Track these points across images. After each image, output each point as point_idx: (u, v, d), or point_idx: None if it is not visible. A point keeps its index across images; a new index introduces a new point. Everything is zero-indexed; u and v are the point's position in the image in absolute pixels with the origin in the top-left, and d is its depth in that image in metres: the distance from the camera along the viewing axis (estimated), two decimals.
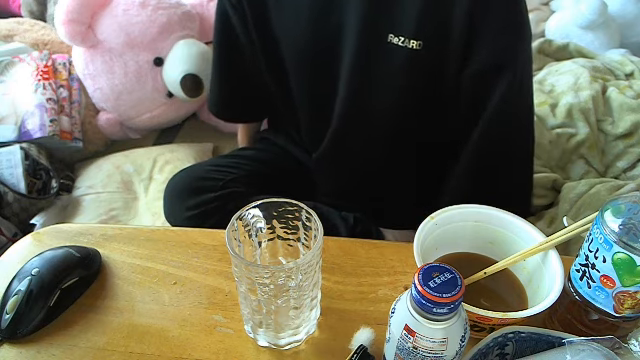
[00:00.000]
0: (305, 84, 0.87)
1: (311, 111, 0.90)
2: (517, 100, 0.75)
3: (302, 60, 0.84)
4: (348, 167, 0.92)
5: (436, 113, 0.80)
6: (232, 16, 0.88)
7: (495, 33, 0.70)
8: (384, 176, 0.91)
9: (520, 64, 0.72)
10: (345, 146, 0.88)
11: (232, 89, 1.00)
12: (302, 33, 0.80)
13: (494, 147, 0.78)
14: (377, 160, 0.89)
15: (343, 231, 0.89)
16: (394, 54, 0.73)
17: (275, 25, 0.83)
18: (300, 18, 0.79)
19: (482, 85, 0.73)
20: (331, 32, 0.77)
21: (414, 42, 0.71)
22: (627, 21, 1.67)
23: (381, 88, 0.78)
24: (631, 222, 0.43)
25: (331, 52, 0.78)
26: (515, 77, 0.72)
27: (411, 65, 0.73)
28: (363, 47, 0.75)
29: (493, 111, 0.74)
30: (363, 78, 0.78)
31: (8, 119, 1.20)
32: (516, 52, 0.72)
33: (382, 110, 0.81)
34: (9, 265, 0.63)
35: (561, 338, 0.45)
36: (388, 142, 0.86)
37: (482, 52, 0.70)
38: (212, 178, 0.92)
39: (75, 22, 1.19)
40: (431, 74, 0.74)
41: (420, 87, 0.76)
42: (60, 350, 0.53)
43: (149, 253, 0.64)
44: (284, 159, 1.02)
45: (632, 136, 1.15)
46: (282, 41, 0.84)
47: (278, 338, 0.52)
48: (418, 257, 0.52)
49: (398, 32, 0.71)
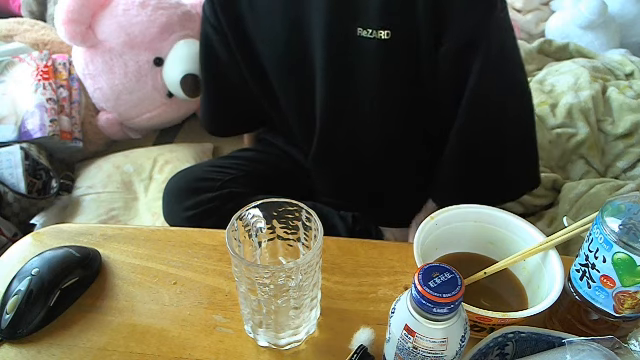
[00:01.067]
0: (288, 88, 0.88)
1: (298, 114, 0.90)
2: (499, 69, 0.74)
3: (281, 65, 0.85)
4: (342, 165, 0.93)
5: (421, 103, 0.79)
6: (213, 38, 0.90)
7: (462, 9, 0.69)
8: (379, 171, 0.91)
9: (494, 35, 0.71)
10: (335, 144, 0.88)
11: (222, 107, 1.02)
12: (277, 38, 0.81)
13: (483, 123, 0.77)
14: (370, 156, 0.89)
15: (342, 230, 0.89)
16: (365, 47, 0.73)
17: (254, 37, 0.85)
18: (275, 24, 0.80)
19: (458, 65, 0.72)
20: (302, 32, 0.77)
21: (382, 32, 0.70)
22: (627, 21, 1.67)
23: (358, 82, 0.78)
24: (631, 222, 0.43)
25: (304, 52, 0.79)
26: (490, 49, 0.71)
27: (384, 55, 0.73)
28: (333, 43, 0.75)
29: (474, 86, 0.73)
30: (338, 74, 0.78)
31: (8, 119, 1.20)
32: (487, 25, 0.70)
33: (364, 105, 0.81)
34: (9, 265, 0.63)
35: (561, 338, 0.45)
36: (377, 136, 0.85)
37: (452, 31, 0.70)
38: (210, 178, 0.92)
39: (75, 22, 1.19)
40: (405, 62, 0.74)
41: (397, 77, 0.76)
42: (60, 350, 0.53)
43: (149, 253, 0.64)
44: (282, 159, 1.02)
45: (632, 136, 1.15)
46: (262, 51, 0.86)
47: (278, 338, 0.52)
48: (418, 257, 0.52)
49: (365, 24, 0.71)
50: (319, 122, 0.85)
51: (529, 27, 1.69)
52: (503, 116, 0.78)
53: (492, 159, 0.80)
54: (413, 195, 0.93)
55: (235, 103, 0.99)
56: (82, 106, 1.32)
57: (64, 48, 1.38)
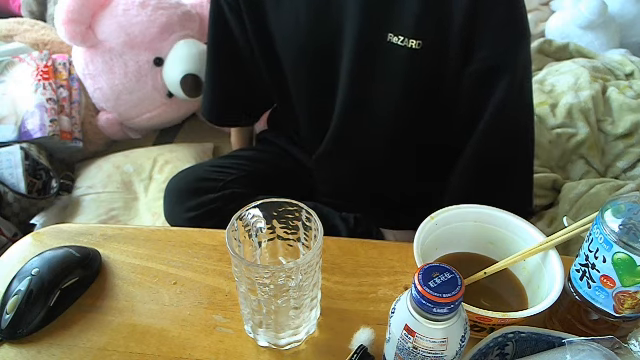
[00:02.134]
0: (304, 85, 0.86)
1: (311, 112, 0.90)
2: (516, 101, 0.75)
3: (301, 61, 0.84)
4: (348, 167, 0.92)
5: (436, 113, 0.79)
6: (229, 18, 0.87)
7: (494, 34, 0.69)
8: (384, 175, 0.91)
9: (520, 65, 0.72)
10: (345, 146, 0.88)
11: (228, 93, 0.99)
12: (301, 33, 0.80)
13: (494, 149, 0.78)
14: (377, 160, 0.89)
15: (343, 232, 0.89)
16: (394, 53, 0.72)
17: (273, 26, 0.83)
18: (299, 18, 0.79)
19: (481, 86, 0.73)
20: (329, 32, 0.77)
21: (413, 41, 0.70)
22: (627, 21, 1.67)
23: (381, 88, 0.78)
24: (631, 222, 0.43)
25: (330, 52, 0.78)
26: (515, 78, 0.72)
27: (411, 65, 0.73)
28: (362, 46, 0.74)
29: (492, 112, 0.73)
30: (362, 78, 0.77)
31: (8, 119, 1.20)
32: (516, 53, 0.71)
33: (382, 110, 0.81)
34: (9, 265, 0.63)
35: (561, 338, 0.45)
36: (388, 141, 0.86)
37: (481, 52, 0.70)
38: (212, 179, 0.92)
39: (75, 22, 1.19)
40: (431, 74, 0.74)
41: (420, 87, 0.76)
42: (60, 350, 0.53)
43: (149, 253, 0.64)
44: (284, 159, 1.02)
45: (632, 136, 1.15)
46: (281, 42, 0.84)
47: (278, 338, 0.52)
48: (418, 257, 0.52)
49: (397, 31, 0.71)
50: (335, 122, 0.84)
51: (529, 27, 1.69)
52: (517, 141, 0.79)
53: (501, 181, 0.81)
54: (415, 198, 0.93)
55: (240, 88, 0.97)
56: (82, 106, 1.32)
57: (64, 48, 1.38)
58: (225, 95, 1.00)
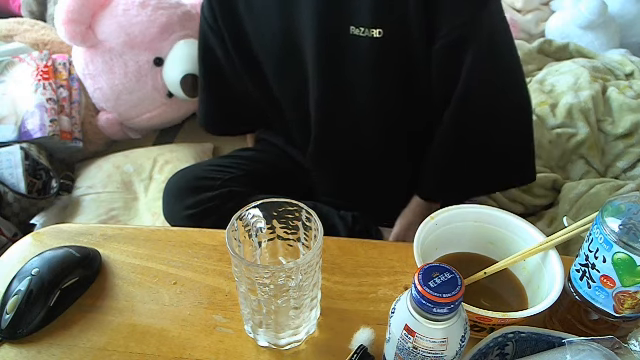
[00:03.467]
0: (284, 88, 0.88)
1: (295, 112, 0.91)
2: (490, 64, 0.75)
3: (277, 65, 0.86)
4: (339, 162, 0.93)
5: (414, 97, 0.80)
6: (211, 39, 0.91)
7: (451, 8, 0.70)
8: (377, 169, 0.92)
9: (485, 33, 0.72)
10: (330, 141, 0.89)
11: (218, 106, 1.03)
12: (274, 39, 0.82)
13: (475, 114, 0.77)
14: (368, 152, 0.89)
15: (342, 230, 0.89)
16: (358, 45, 0.74)
17: (251, 37, 0.85)
18: (271, 25, 0.81)
19: (451, 59, 0.73)
20: (297, 34, 0.78)
21: (374, 31, 0.71)
22: (627, 21, 1.67)
23: (352, 81, 0.79)
24: (631, 222, 0.43)
25: (300, 54, 0.80)
26: (481, 46, 0.72)
27: (377, 54, 0.74)
28: (324, 41, 0.76)
29: (464, 84, 0.74)
30: (330, 73, 0.78)
31: (8, 119, 1.20)
32: (478, 22, 0.71)
33: (358, 102, 0.81)
34: (9, 265, 0.63)
35: (561, 338, 0.45)
36: (374, 132, 0.86)
37: (442, 29, 0.71)
38: (211, 177, 0.92)
39: (75, 22, 1.19)
40: (399, 59, 0.75)
41: (391, 74, 0.77)
42: (60, 350, 0.53)
43: (149, 253, 0.64)
44: (282, 159, 1.02)
45: (632, 136, 1.15)
46: (259, 51, 0.86)
47: (278, 338, 0.52)
48: (418, 257, 0.52)
49: (357, 23, 0.72)
50: (314, 120, 0.86)
51: (529, 27, 1.69)
52: (495, 109, 0.79)
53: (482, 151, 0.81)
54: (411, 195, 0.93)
55: (232, 103, 1.00)
56: (82, 106, 1.32)
57: (64, 48, 1.38)
58: (216, 107, 1.04)
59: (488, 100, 0.77)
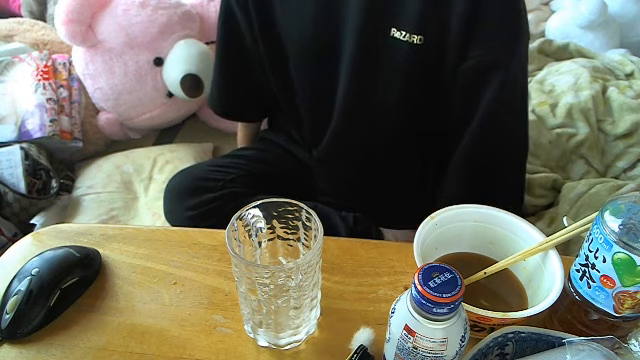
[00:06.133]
0: (308, 81, 0.87)
1: (313, 108, 0.90)
2: (510, 99, 0.75)
3: (305, 57, 0.84)
4: (348, 164, 0.93)
5: (434, 109, 0.80)
6: (238, 15, 0.88)
7: (492, 31, 0.70)
8: (384, 172, 0.92)
9: (515, 63, 0.73)
10: (345, 142, 0.88)
11: (234, 88, 1.00)
12: (306, 30, 0.81)
13: (486, 146, 0.78)
14: (377, 156, 0.89)
15: (343, 231, 0.89)
16: (396, 48, 0.73)
17: (280, 23, 0.84)
18: (304, 15, 0.80)
19: (475, 82, 0.73)
20: (333, 28, 0.77)
21: (415, 37, 0.71)
22: (627, 21, 1.67)
23: (382, 83, 0.78)
24: (631, 222, 0.43)
25: (333, 48, 0.79)
26: (508, 76, 0.72)
27: (412, 60, 0.74)
28: (364, 42, 0.75)
29: (485, 109, 0.74)
30: (365, 73, 0.78)
31: (8, 119, 1.20)
32: (512, 51, 0.72)
33: (382, 105, 0.81)
34: (9, 265, 0.63)
35: (561, 338, 0.45)
36: (388, 137, 0.86)
37: (478, 49, 0.71)
38: (212, 178, 0.92)
39: (75, 22, 1.19)
40: (430, 70, 0.75)
41: (419, 82, 0.77)
42: (60, 350, 0.53)
43: (149, 253, 0.64)
44: (284, 159, 1.02)
45: (632, 136, 1.15)
46: (286, 39, 0.84)
47: (278, 338, 0.52)
48: (418, 257, 0.52)
49: (400, 26, 0.72)
50: (336, 118, 0.85)
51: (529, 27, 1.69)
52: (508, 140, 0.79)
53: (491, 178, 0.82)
54: (414, 197, 0.93)
55: (247, 84, 0.98)
56: (82, 106, 1.32)
57: (64, 48, 1.38)
58: (230, 89, 1.01)
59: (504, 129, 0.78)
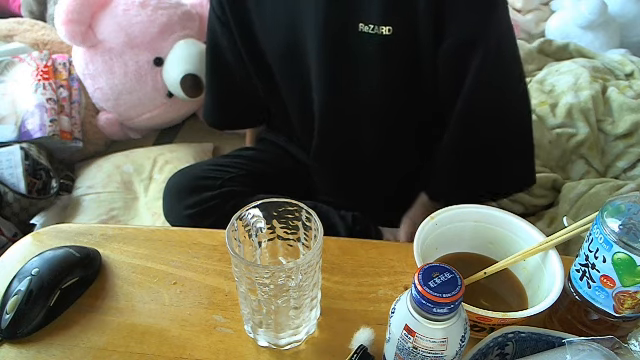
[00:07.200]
0: (289, 84, 0.88)
1: (299, 109, 0.91)
2: (497, 67, 0.75)
3: (284, 63, 0.85)
4: (342, 161, 0.93)
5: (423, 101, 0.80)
6: (219, 31, 0.90)
7: (463, 9, 0.70)
8: (379, 168, 0.92)
9: (494, 36, 0.72)
10: (335, 139, 0.89)
11: (226, 101, 1.02)
12: (281, 37, 0.82)
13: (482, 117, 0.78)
14: (369, 152, 0.89)
15: (342, 230, 0.89)
16: (366, 42, 0.73)
17: (259, 35, 0.85)
18: (279, 24, 0.81)
19: (458, 60, 0.73)
20: (303, 31, 0.78)
21: (384, 28, 0.71)
22: (627, 21, 1.67)
23: (358, 78, 0.78)
24: (631, 222, 0.43)
25: (307, 50, 0.79)
26: (489, 49, 0.72)
27: (385, 51, 0.74)
28: (330, 38, 0.75)
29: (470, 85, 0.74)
30: (338, 70, 0.78)
31: (8, 119, 1.20)
32: (487, 25, 0.72)
33: (364, 100, 0.81)
34: (9, 265, 0.63)
35: (561, 338, 0.45)
36: (380, 134, 0.86)
37: (452, 29, 0.71)
38: (211, 177, 0.92)
39: (75, 22, 1.19)
40: (407, 57, 0.75)
41: (398, 72, 0.77)
42: (60, 350, 0.53)
43: (149, 253, 0.64)
44: (283, 159, 1.02)
45: (632, 136, 1.15)
46: (266, 49, 0.86)
47: (278, 338, 0.52)
48: (418, 257, 0.52)
49: (367, 20, 0.72)
50: (317, 118, 0.86)
51: (529, 27, 1.69)
52: (500, 112, 0.79)
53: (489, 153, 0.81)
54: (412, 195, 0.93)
55: (237, 96, 1.00)
56: (82, 106, 1.32)
57: (64, 48, 1.38)
58: (222, 101, 1.03)
59: (493, 102, 0.77)
